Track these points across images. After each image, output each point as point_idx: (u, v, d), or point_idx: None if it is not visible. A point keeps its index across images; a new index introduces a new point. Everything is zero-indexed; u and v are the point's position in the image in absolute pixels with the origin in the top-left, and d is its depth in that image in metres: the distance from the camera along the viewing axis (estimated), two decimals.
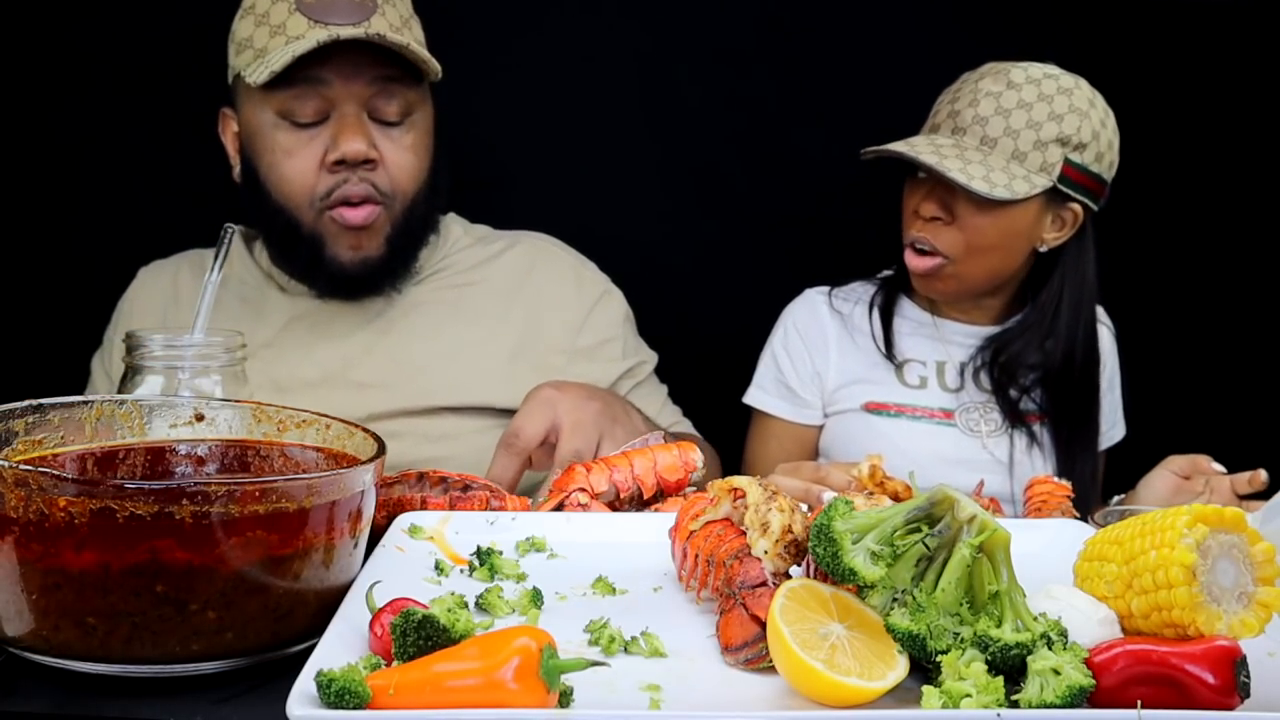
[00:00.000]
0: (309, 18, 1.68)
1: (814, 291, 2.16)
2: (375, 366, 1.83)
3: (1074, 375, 1.97)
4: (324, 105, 1.71)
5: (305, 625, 0.93)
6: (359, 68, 1.70)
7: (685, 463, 1.35)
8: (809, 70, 2.46)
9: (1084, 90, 1.91)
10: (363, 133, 1.71)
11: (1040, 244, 1.94)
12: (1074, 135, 1.87)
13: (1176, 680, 0.80)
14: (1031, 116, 1.86)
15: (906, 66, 2.44)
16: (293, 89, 1.69)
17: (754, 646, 0.89)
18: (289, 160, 1.73)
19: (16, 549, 0.85)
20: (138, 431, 1.10)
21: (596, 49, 2.42)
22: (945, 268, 1.92)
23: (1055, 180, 1.86)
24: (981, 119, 1.88)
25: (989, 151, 1.87)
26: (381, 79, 1.71)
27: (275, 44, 1.69)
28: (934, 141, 1.90)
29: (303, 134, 1.72)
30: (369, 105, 1.73)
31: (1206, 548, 0.85)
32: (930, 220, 1.91)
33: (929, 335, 2.06)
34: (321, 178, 1.72)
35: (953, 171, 1.82)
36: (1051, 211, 1.91)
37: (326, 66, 1.68)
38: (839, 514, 0.87)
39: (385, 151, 1.74)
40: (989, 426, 2.01)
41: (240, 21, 1.76)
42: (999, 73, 1.91)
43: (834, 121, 2.44)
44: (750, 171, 2.49)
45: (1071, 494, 1.43)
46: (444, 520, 1.19)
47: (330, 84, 1.69)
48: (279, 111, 1.71)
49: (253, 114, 1.75)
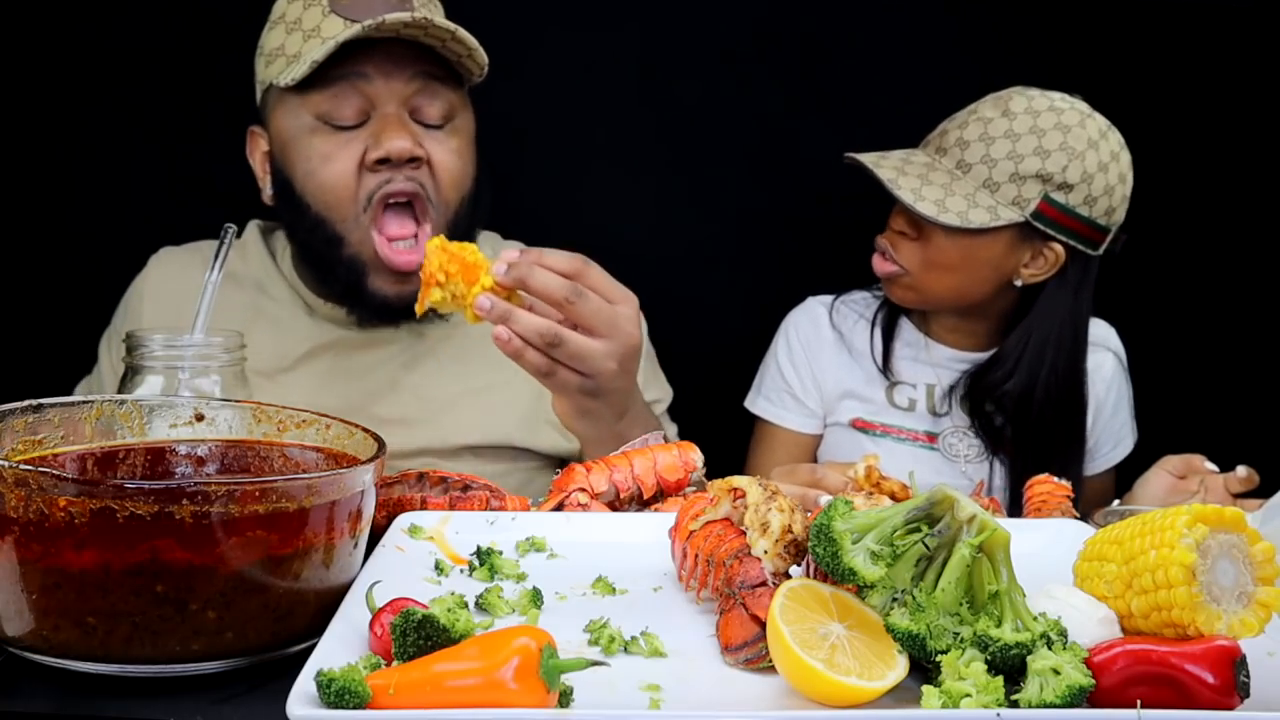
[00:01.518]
0: (344, 17, 1.60)
1: (816, 301, 2.16)
2: (398, 403, 1.77)
3: (1031, 413, 1.95)
4: (364, 105, 1.62)
5: (305, 625, 0.93)
6: (400, 63, 1.61)
7: (685, 463, 1.35)
8: (808, 74, 2.46)
9: (1088, 130, 1.87)
10: (407, 130, 1.62)
11: (1016, 277, 1.93)
12: (1057, 174, 1.84)
13: (1176, 680, 0.80)
14: (1015, 148, 1.85)
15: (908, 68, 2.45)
16: (331, 88, 1.60)
17: (754, 646, 0.89)
18: (327, 165, 1.63)
19: (16, 549, 0.85)
20: (138, 431, 1.09)
21: (598, 54, 2.42)
22: (903, 278, 1.95)
23: (1027, 215, 1.85)
24: (964, 143, 1.88)
25: (958, 176, 1.86)
26: (423, 75, 1.63)
27: (310, 47, 1.61)
28: (908, 159, 1.91)
29: (341, 136, 1.63)
30: (410, 105, 1.64)
31: (1206, 548, 0.85)
32: (898, 232, 1.93)
33: (921, 358, 2.07)
34: (364, 179, 1.63)
35: (902, 190, 1.84)
36: (1030, 247, 1.90)
37: (366, 61, 1.60)
38: (839, 514, 0.87)
39: (430, 151, 1.65)
40: (969, 452, 2.02)
41: (269, 33, 1.69)
42: (1003, 99, 1.90)
43: (835, 125, 2.44)
44: (750, 175, 2.49)
45: (1071, 494, 1.43)
46: (444, 520, 1.19)
47: (371, 79, 1.61)
48: (316, 115, 1.63)
49: (287, 121, 1.66)
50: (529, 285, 1.36)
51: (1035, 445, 1.96)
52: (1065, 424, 1.98)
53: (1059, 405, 1.96)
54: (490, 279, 1.35)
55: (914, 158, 1.92)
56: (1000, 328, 2.02)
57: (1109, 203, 1.89)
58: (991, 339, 2.03)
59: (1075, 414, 1.99)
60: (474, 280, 1.36)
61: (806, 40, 2.45)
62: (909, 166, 1.89)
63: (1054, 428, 1.96)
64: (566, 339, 1.37)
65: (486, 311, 1.36)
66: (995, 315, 2.01)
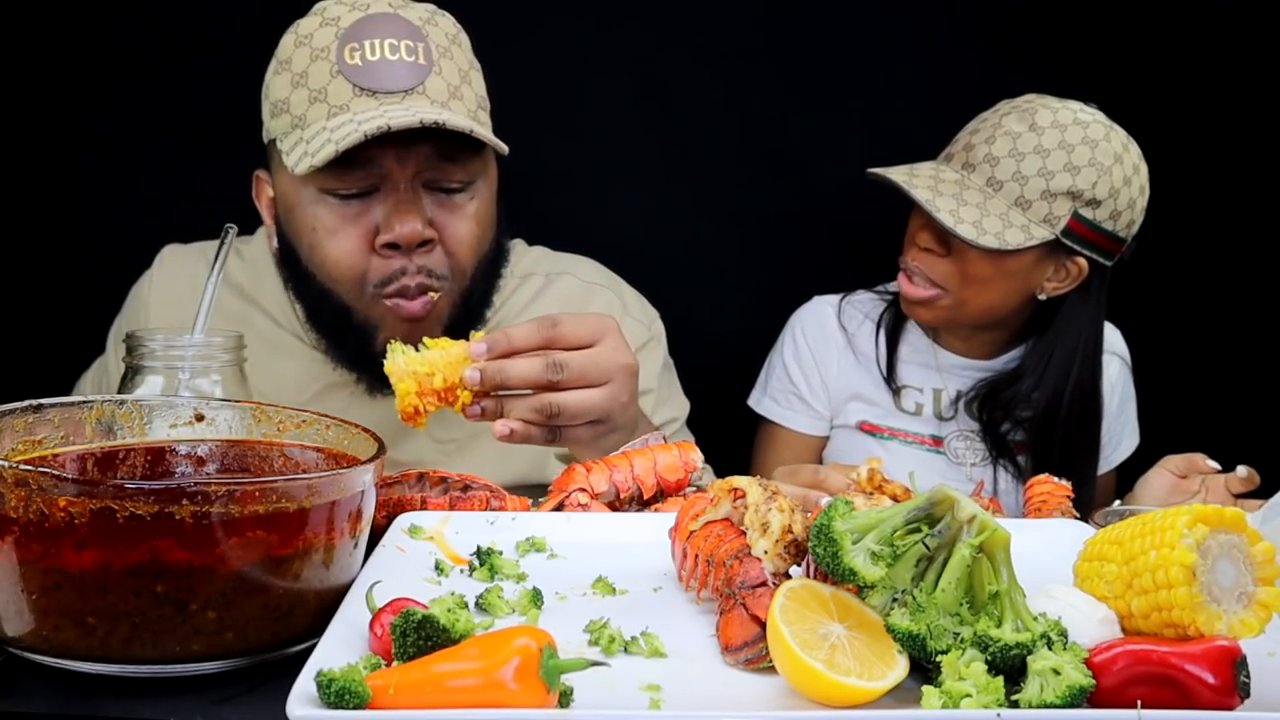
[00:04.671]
0: (354, 84, 1.48)
1: (822, 300, 2.15)
2: (413, 448, 1.72)
3: (1056, 426, 1.95)
4: (374, 180, 1.51)
5: (305, 625, 0.93)
6: (413, 144, 1.49)
7: (685, 463, 1.35)
8: (809, 74, 2.46)
9: (1113, 144, 1.86)
10: (418, 211, 1.50)
11: (1040, 291, 1.92)
12: (1087, 190, 1.82)
13: (1176, 680, 0.79)
14: (1046, 165, 1.82)
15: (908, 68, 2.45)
16: (337, 170, 1.48)
17: (754, 646, 0.89)
18: (333, 239, 1.53)
19: (16, 549, 0.85)
20: (138, 431, 1.09)
21: (597, 51, 2.42)
22: (941, 299, 1.92)
23: (1058, 233, 1.83)
24: (993, 159, 1.84)
25: (991, 194, 1.83)
26: (438, 155, 1.51)
27: (316, 114, 1.50)
28: (938, 175, 1.87)
29: (348, 209, 1.52)
30: (425, 178, 1.52)
31: (1206, 548, 0.85)
32: (925, 250, 1.90)
33: (928, 364, 2.06)
34: (373, 262, 1.53)
35: (941, 213, 1.81)
36: (1054, 261, 1.89)
37: (379, 146, 1.47)
38: (839, 514, 0.87)
39: (443, 225, 1.54)
40: (974, 457, 2.02)
41: (275, 78, 1.56)
42: (1027, 110, 1.86)
43: (836, 125, 2.44)
44: (753, 173, 2.49)
45: (1071, 494, 1.43)
46: (444, 520, 1.19)
47: (382, 164, 1.49)
48: (320, 189, 1.52)
49: (290, 187, 1.56)
50: (508, 384, 1.34)
51: (1054, 452, 1.96)
52: (1084, 431, 1.98)
53: (1081, 415, 1.96)
54: (469, 394, 1.34)
55: (943, 174, 1.88)
56: (1010, 337, 2.02)
57: (1131, 216, 1.89)
58: (1001, 348, 2.03)
59: (1093, 421, 2.00)
60: (454, 400, 1.34)
61: (807, 40, 2.45)
62: (942, 185, 1.85)
63: (1074, 436, 1.97)
64: (564, 404, 1.35)
65: (478, 418, 1.35)
66: (1008, 325, 2.01)
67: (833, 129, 2.44)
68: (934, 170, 1.89)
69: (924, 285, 1.92)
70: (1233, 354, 2.53)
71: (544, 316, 1.37)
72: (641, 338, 1.86)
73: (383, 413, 1.74)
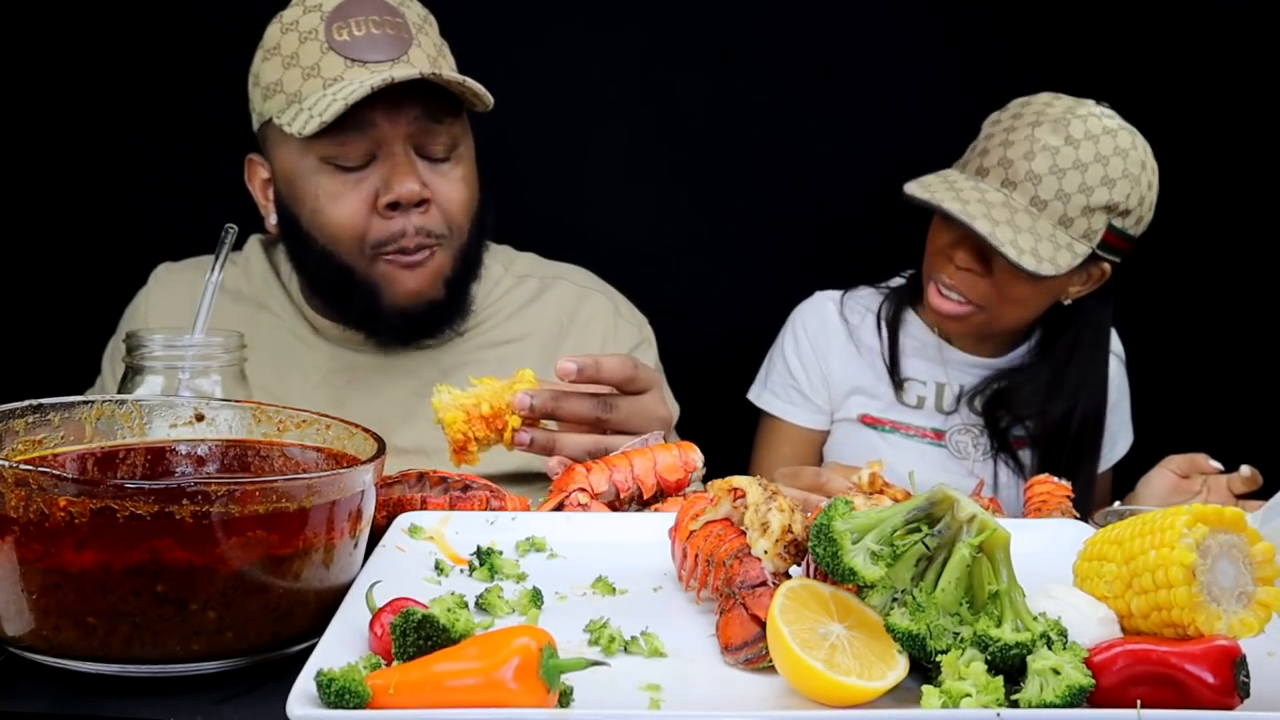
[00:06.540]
0: (344, 56, 1.60)
1: (823, 296, 2.15)
2: (415, 433, 1.75)
3: (1070, 432, 1.96)
4: (370, 147, 1.62)
5: (305, 625, 0.93)
6: (404, 106, 1.62)
7: (685, 463, 1.35)
8: (809, 74, 2.46)
9: (1139, 150, 1.86)
10: (414, 172, 1.63)
11: (1065, 297, 1.93)
12: (1121, 202, 1.82)
13: (1176, 680, 0.80)
14: (1085, 180, 1.81)
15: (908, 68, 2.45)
16: (337, 135, 1.59)
17: (754, 646, 0.89)
18: (335, 204, 1.64)
19: (17, 549, 0.85)
20: (138, 431, 1.09)
21: (598, 54, 2.42)
22: (975, 315, 1.91)
23: (1094, 247, 1.83)
24: (1035, 176, 1.81)
25: (1037, 215, 1.81)
26: (426, 115, 1.63)
27: (311, 87, 1.61)
28: (984, 198, 1.83)
29: (349, 177, 1.63)
30: (415, 142, 1.65)
31: (1206, 548, 0.85)
32: (964, 269, 1.88)
33: (932, 358, 2.06)
34: (373, 223, 1.64)
35: (1005, 245, 1.78)
36: (1084, 269, 1.90)
37: (373, 108, 1.59)
38: (839, 514, 0.87)
39: (436, 189, 1.66)
40: (977, 451, 2.02)
41: (264, 64, 1.67)
42: (1060, 122, 1.83)
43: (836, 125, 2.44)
44: (752, 171, 2.49)
45: (1071, 494, 1.44)
46: (444, 520, 1.19)
47: (378, 125, 1.61)
48: (322, 158, 1.63)
49: (291, 161, 1.66)
50: (558, 415, 1.39)
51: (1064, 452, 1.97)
52: (1093, 430, 1.99)
53: (1094, 415, 1.97)
54: (518, 419, 1.37)
55: (987, 195, 1.83)
56: (1020, 335, 2.03)
57: (1149, 218, 1.91)
58: (1007, 346, 2.04)
59: (1100, 417, 2.00)
60: (503, 426, 1.37)
61: (807, 40, 2.45)
62: (994, 211, 1.81)
63: (1085, 435, 1.97)
64: (611, 445, 1.39)
65: (526, 448, 1.39)
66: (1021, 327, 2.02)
67: (832, 129, 2.44)
68: (978, 191, 1.85)
69: (959, 302, 1.91)
70: (1231, 353, 2.53)
71: (629, 356, 1.44)
72: (634, 339, 1.93)
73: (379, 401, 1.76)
